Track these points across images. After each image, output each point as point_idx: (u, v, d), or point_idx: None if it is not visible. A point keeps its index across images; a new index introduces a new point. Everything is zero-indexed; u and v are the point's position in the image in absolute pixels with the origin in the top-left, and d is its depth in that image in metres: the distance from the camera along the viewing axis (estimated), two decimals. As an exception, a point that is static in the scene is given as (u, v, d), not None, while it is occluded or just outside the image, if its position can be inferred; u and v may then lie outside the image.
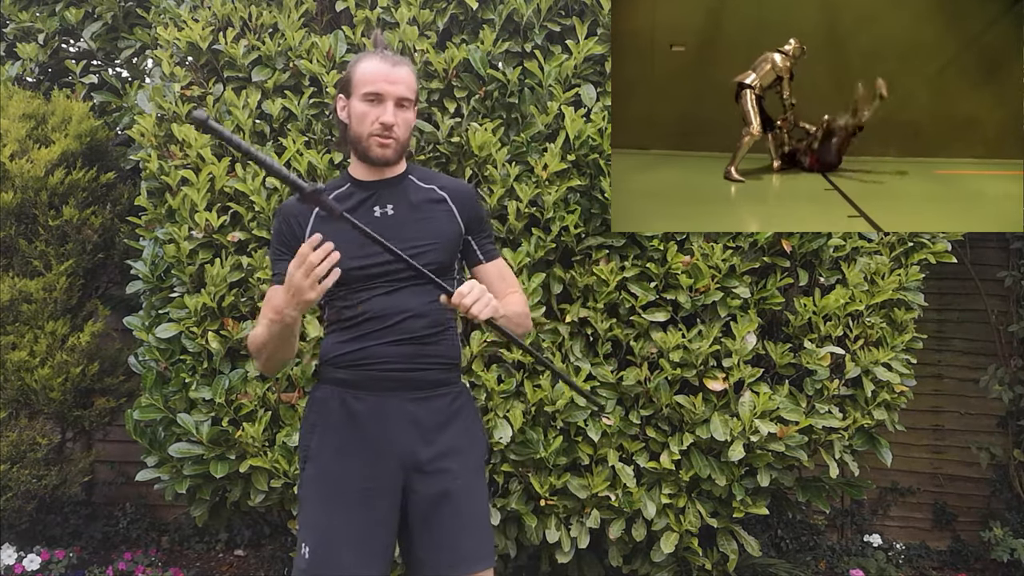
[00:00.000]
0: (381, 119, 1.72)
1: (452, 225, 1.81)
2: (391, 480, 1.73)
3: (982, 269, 4.01)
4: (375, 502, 1.72)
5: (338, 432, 1.75)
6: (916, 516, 4.16)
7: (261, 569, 3.67)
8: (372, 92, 1.73)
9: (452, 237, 1.81)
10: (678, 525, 2.70)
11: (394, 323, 1.73)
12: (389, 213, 1.78)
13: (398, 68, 1.76)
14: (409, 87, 1.77)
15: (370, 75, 1.74)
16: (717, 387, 2.68)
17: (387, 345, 1.73)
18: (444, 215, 1.82)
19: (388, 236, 1.68)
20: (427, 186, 1.84)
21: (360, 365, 1.74)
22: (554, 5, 2.92)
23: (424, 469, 1.74)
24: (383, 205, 1.79)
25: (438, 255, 1.78)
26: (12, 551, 3.41)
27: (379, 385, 1.74)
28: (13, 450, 3.15)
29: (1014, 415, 3.94)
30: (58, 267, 3.25)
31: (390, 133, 1.74)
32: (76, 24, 3.78)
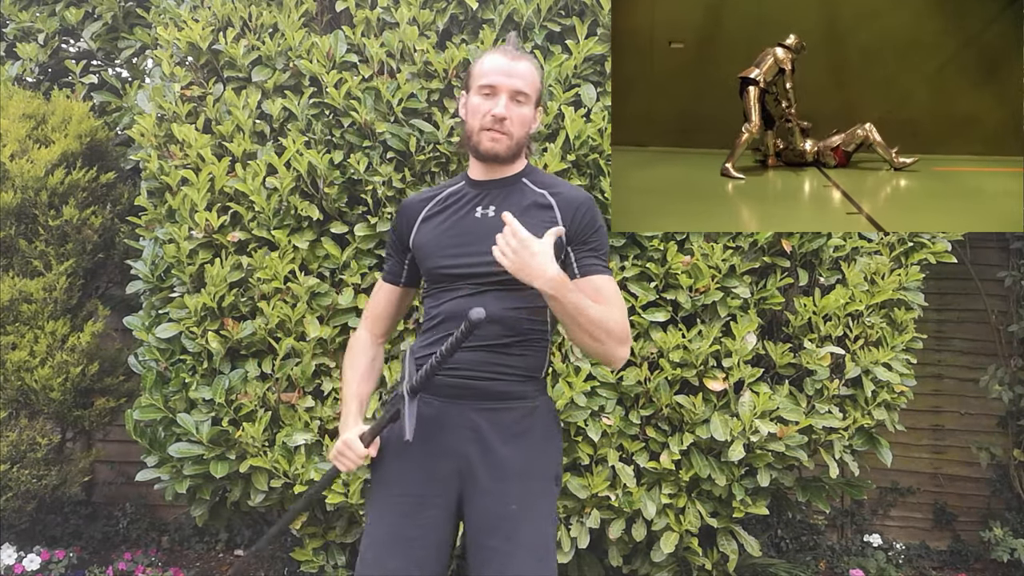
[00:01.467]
0: (493, 111, 1.66)
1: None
2: (447, 489, 1.67)
3: (982, 269, 4.01)
4: (427, 511, 1.66)
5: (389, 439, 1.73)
6: (916, 516, 4.16)
7: (261, 569, 3.67)
8: (487, 84, 1.68)
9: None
10: (678, 525, 2.70)
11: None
12: (490, 215, 1.71)
13: (517, 62, 1.70)
14: (528, 83, 1.70)
15: (487, 68, 1.69)
16: (717, 387, 2.68)
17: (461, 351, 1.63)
18: (545, 223, 1.68)
19: (480, 237, 1.67)
20: (539, 191, 1.74)
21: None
22: (554, 5, 2.92)
23: (481, 486, 1.66)
24: (486, 206, 1.72)
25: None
26: (12, 551, 3.40)
27: (445, 391, 1.68)
28: (13, 450, 3.15)
29: (1014, 415, 3.94)
30: (58, 267, 3.25)
31: (502, 127, 1.67)
32: (76, 24, 3.78)
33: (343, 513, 2.83)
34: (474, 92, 1.70)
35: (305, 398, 2.75)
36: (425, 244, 1.74)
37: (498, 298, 1.66)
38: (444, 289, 1.72)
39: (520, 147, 1.73)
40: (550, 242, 1.57)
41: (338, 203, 2.81)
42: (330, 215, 2.84)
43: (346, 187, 2.83)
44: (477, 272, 1.67)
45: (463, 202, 1.75)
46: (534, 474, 1.69)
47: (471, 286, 1.68)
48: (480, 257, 1.65)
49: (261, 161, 2.80)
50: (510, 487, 1.66)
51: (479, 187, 1.75)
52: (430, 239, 1.73)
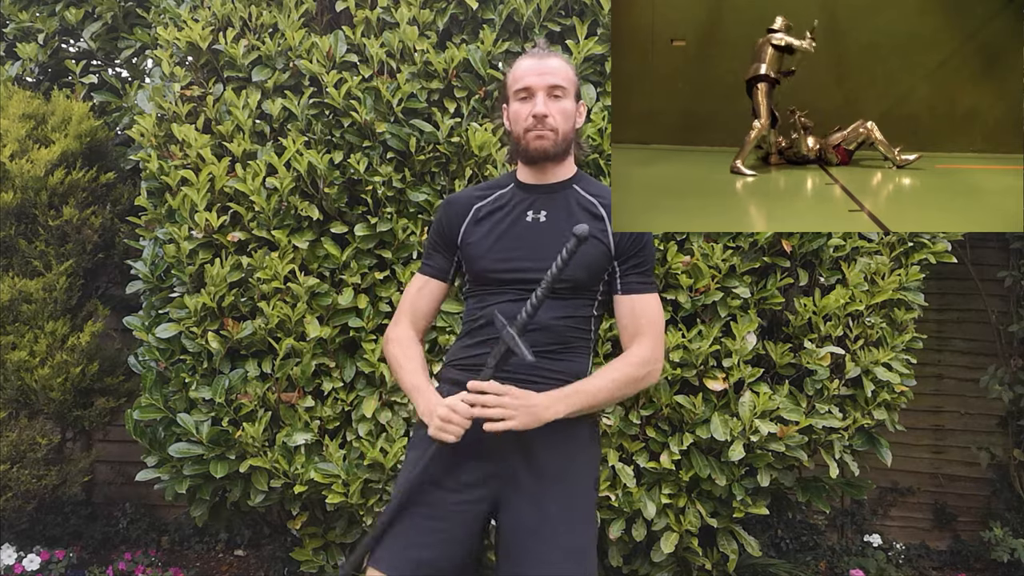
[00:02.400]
0: (533, 111, 1.68)
1: (600, 246, 1.71)
2: (481, 488, 1.67)
3: (982, 269, 4.01)
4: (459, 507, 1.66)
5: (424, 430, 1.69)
6: (916, 516, 4.16)
7: (261, 569, 3.67)
8: (522, 88, 1.70)
9: (598, 258, 1.71)
10: (678, 525, 2.70)
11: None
12: (541, 220, 1.72)
13: (547, 60, 1.71)
14: (562, 76, 1.71)
15: (519, 73, 1.72)
16: (717, 387, 2.68)
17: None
18: (596, 234, 1.70)
19: (530, 242, 1.69)
20: (591, 198, 1.75)
21: (475, 370, 1.66)
22: (554, 5, 2.92)
23: (523, 490, 1.66)
24: (537, 211, 1.73)
25: (576, 272, 1.67)
26: (12, 551, 3.40)
27: None
28: (13, 450, 3.15)
29: (1014, 415, 3.94)
30: (58, 267, 3.25)
31: (544, 124, 1.68)
32: (76, 24, 3.78)
33: (343, 513, 2.83)
34: (512, 100, 1.72)
35: (305, 398, 2.75)
36: (476, 245, 1.74)
37: (548, 306, 1.66)
38: (490, 292, 1.72)
39: (567, 142, 1.73)
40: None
41: (338, 203, 2.81)
42: (330, 215, 2.84)
43: (346, 187, 2.83)
44: (526, 278, 1.68)
45: (513, 205, 1.75)
46: (575, 478, 1.70)
47: (517, 291, 1.69)
48: (529, 263, 1.68)
49: (261, 161, 2.80)
50: (550, 490, 1.66)
51: (529, 191, 1.76)
52: (481, 240, 1.73)
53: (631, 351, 1.73)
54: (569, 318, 1.71)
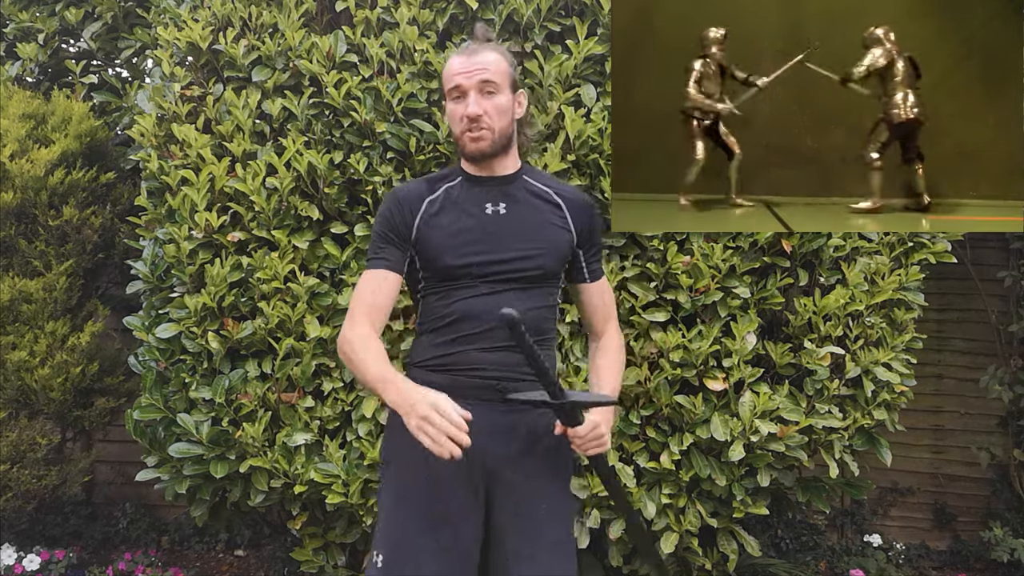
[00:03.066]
0: (466, 113, 1.64)
1: (564, 233, 1.74)
2: (473, 491, 1.66)
3: (982, 269, 4.01)
4: (455, 513, 1.64)
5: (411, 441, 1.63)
6: (916, 516, 4.16)
7: (261, 569, 3.67)
8: (453, 88, 1.65)
9: (563, 246, 1.74)
10: (678, 525, 2.70)
11: (491, 327, 1.64)
12: (501, 212, 1.70)
13: (477, 55, 1.66)
14: (493, 70, 1.65)
15: (449, 72, 1.66)
16: (717, 387, 2.68)
17: (481, 351, 1.65)
18: (558, 220, 1.73)
19: (499, 235, 1.67)
20: (543, 188, 1.76)
21: (451, 369, 1.66)
22: (554, 5, 2.92)
23: (509, 488, 1.66)
24: (496, 203, 1.70)
25: (547, 261, 1.70)
26: (12, 551, 3.41)
27: (469, 393, 1.64)
28: (13, 450, 3.15)
29: (1014, 415, 3.94)
30: (58, 267, 3.25)
31: (479, 123, 1.64)
32: (76, 24, 3.78)
33: (343, 513, 2.83)
34: (448, 100, 1.69)
35: (305, 398, 2.75)
36: (433, 238, 1.68)
37: (518, 297, 1.66)
38: (455, 287, 1.68)
39: (506, 138, 1.70)
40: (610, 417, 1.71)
41: (338, 203, 2.81)
42: (330, 215, 2.84)
43: (346, 187, 2.83)
44: (495, 271, 1.66)
45: (469, 198, 1.71)
46: (558, 473, 1.72)
47: (488, 285, 1.67)
48: (497, 255, 1.66)
49: (261, 161, 2.80)
50: (538, 487, 1.68)
51: (482, 183, 1.73)
52: (439, 234, 1.68)
53: (612, 339, 1.85)
54: (542, 308, 1.72)
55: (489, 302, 1.64)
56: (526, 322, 1.59)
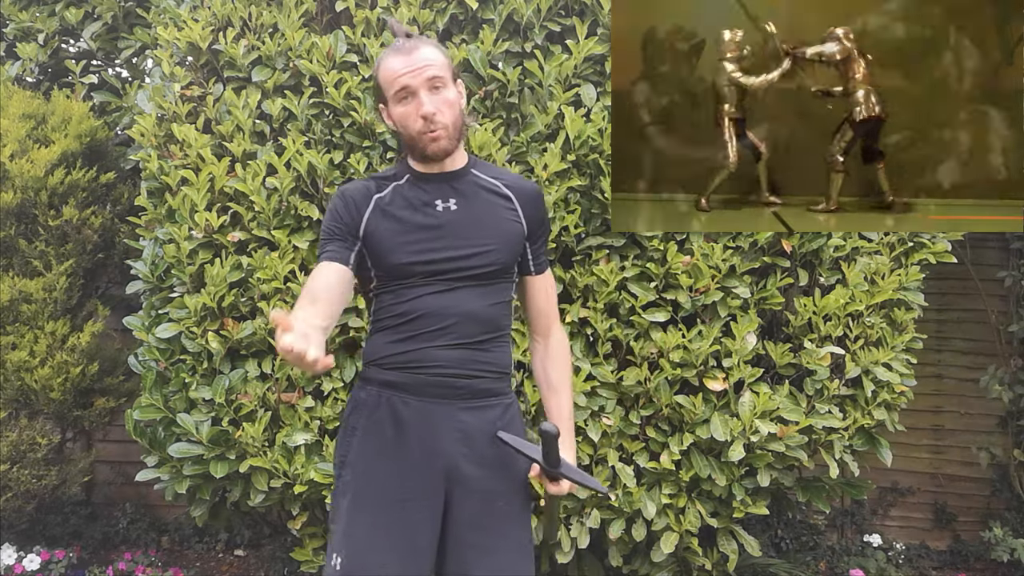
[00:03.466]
0: (420, 112, 1.61)
1: (515, 226, 1.72)
2: (434, 490, 1.65)
3: (982, 269, 4.00)
4: (415, 513, 1.64)
5: (381, 438, 1.66)
6: (916, 516, 4.16)
7: (261, 569, 3.67)
8: (399, 89, 1.62)
9: (515, 239, 1.72)
10: (678, 525, 2.70)
11: (449, 324, 1.64)
12: (452, 208, 1.68)
13: (416, 52, 1.63)
14: (437, 65, 1.63)
15: (391, 74, 1.63)
16: (717, 387, 2.68)
17: (440, 348, 1.64)
18: (508, 214, 1.72)
19: (451, 233, 1.65)
20: (492, 181, 1.74)
21: (409, 368, 1.65)
22: (554, 5, 2.92)
23: (470, 485, 1.66)
24: (445, 199, 1.68)
25: (501, 256, 1.69)
26: (12, 551, 3.41)
27: (429, 391, 1.65)
28: (13, 450, 3.15)
29: (1014, 415, 3.94)
30: (58, 267, 3.25)
31: (434, 123, 1.62)
32: (76, 24, 3.78)
33: (343, 513, 2.83)
34: (392, 102, 1.65)
35: (305, 398, 2.75)
36: (383, 236, 1.66)
37: (474, 294, 1.66)
38: (410, 285, 1.65)
39: (459, 131, 1.68)
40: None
41: (338, 203, 2.81)
42: (330, 215, 2.84)
43: (346, 187, 2.83)
44: (448, 268, 1.65)
45: (418, 194, 1.69)
46: (516, 470, 1.71)
47: (443, 282, 1.65)
48: (449, 252, 1.65)
49: (261, 161, 2.80)
50: (497, 484, 1.68)
51: (430, 181, 1.70)
52: (388, 232, 1.65)
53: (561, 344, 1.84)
54: (498, 304, 1.71)
55: (445, 299, 1.64)
56: (484, 318, 1.66)
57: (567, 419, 1.79)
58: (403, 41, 1.67)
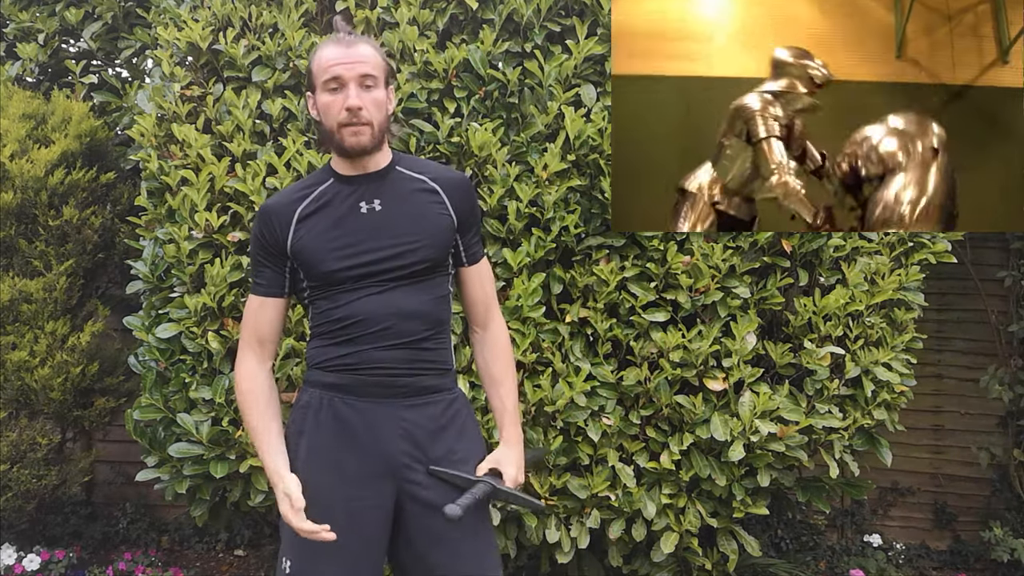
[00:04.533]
0: (346, 104, 1.59)
1: (444, 219, 1.71)
2: (382, 491, 1.66)
3: (982, 269, 4.01)
4: (364, 514, 1.65)
5: (326, 440, 1.67)
6: (916, 516, 4.16)
7: (261, 569, 3.67)
8: (331, 78, 1.61)
9: (444, 232, 1.71)
10: (678, 525, 2.70)
11: (386, 326, 1.64)
12: (376, 209, 1.67)
13: (355, 47, 1.62)
14: (372, 64, 1.63)
15: (324, 62, 1.62)
16: (717, 387, 2.68)
17: (380, 349, 1.65)
18: (436, 208, 1.71)
19: (376, 233, 1.65)
20: (417, 176, 1.73)
21: (351, 369, 1.66)
22: (554, 5, 2.92)
23: (421, 498, 1.66)
24: (369, 200, 1.67)
25: (430, 252, 1.69)
26: (12, 551, 3.41)
27: (371, 391, 1.66)
28: (13, 450, 3.15)
29: (1014, 415, 3.94)
30: (58, 267, 3.25)
31: (358, 117, 1.60)
32: (76, 24, 3.78)
33: (343, 513, 2.83)
34: (321, 90, 1.63)
35: (305, 398, 2.74)
36: (311, 247, 1.66)
37: (407, 294, 1.67)
38: (344, 290, 1.66)
39: (383, 132, 1.67)
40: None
41: (338, 203, 2.81)
42: (330, 215, 2.84)
43: (346, 187, 2.83)
44: (380, 270, 1.65)
45: (342, 199, 1.68)
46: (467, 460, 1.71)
47: (376, 284, 1.65)
48: (379, 254, 1.65)
49: (261, 161, 2.80)
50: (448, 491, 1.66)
51: (353, 182, 1.69)
52: (316, 241, 1.65)
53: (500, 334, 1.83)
54: (436, 299, 1.71)
55: (379, 301, 1.65)
56: (422, 315, 1.67)
57: (511, 411, 1.79)
58: (344, 35, 1.67)
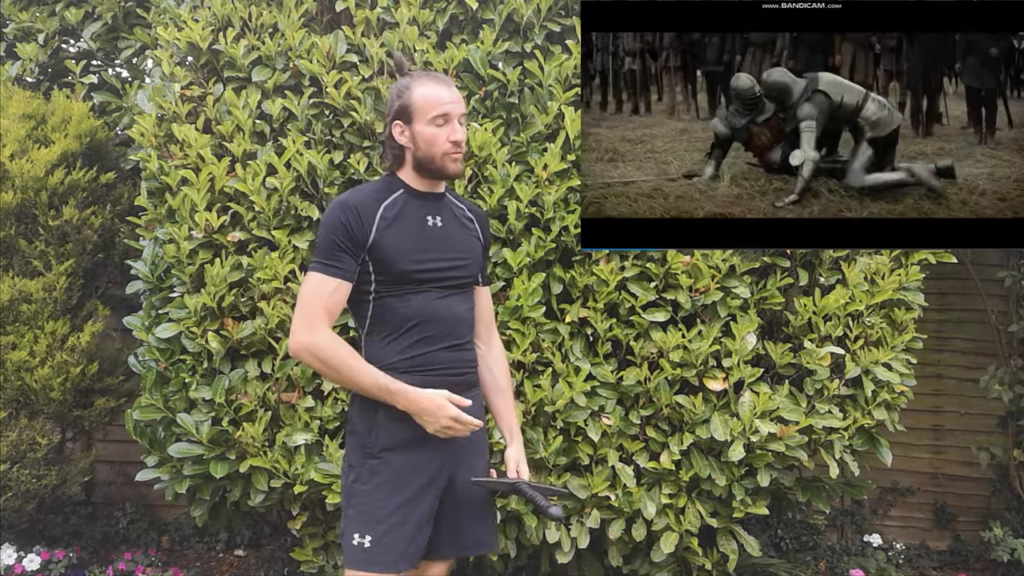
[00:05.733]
0: (451, 138, 1.84)
1: (478, 243, 2.01)
2: (444, 475, 1.89)
3: (982, 269, 4.00)
4: (431, 494, 1.87)
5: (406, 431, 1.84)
6: (916, 516, 4.16)
7: (261, 569, 3.67)
8: (440, 114, 1.83)
9: (480, 255, 2.01)
10: (678, 525, 2.70)
11: (447, 329, 1.89)
12: (439, 225, 1.91)
13: (454, 90, 1.88)
14: (463, 106, 1.90)
15: (435, 99, 1.84)
16: (717, 387, 2.68)
17: (442, 351, 1.88)
18: (473, 232, 2.00)
19: (441, 245, 1.89)
20: (459, 204, 2.01)
21: (419, 370, 1.85)
22: (554, 5, 2.92)
23: (470, 463, 1.93)
24: (434, 216, 1.91)
25: (472, 269, 1.97)
26: (12, 551, 3.40)
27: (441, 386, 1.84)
28: (13, 450, 3.15)
29: (1014, 415, 3.93)
30: (58, 267, 3.25)
31: (460, 149, 1.87)
32: (76, 24, 3.78)
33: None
34: (423, 123, 1.85)
35: (305, 398, 2.75)
36: (392, 245, 1.84)
37: (460, 300, 1.93)
38: (410, 291, 1.86)
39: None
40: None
41: (338, 203, 2.81)
42: (330, 215, 2.84)
43: (346, 187, 2.83)
44: (441, 276, 1.89)
45: (413, 209, 1.90)
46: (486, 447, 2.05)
47: (437, 289, 1.88)
48: (442, 263, 1.89)
49: (261, 161, 2.80)
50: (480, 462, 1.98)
51: (422, 198, 1.92)
52: (396, 241, 1.84)
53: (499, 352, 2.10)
54: (471, 309, 1.98)
55: (442, 305, 1.88)
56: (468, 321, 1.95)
57: (512, 413, 2.08)
58: (441, 75, 1.97)
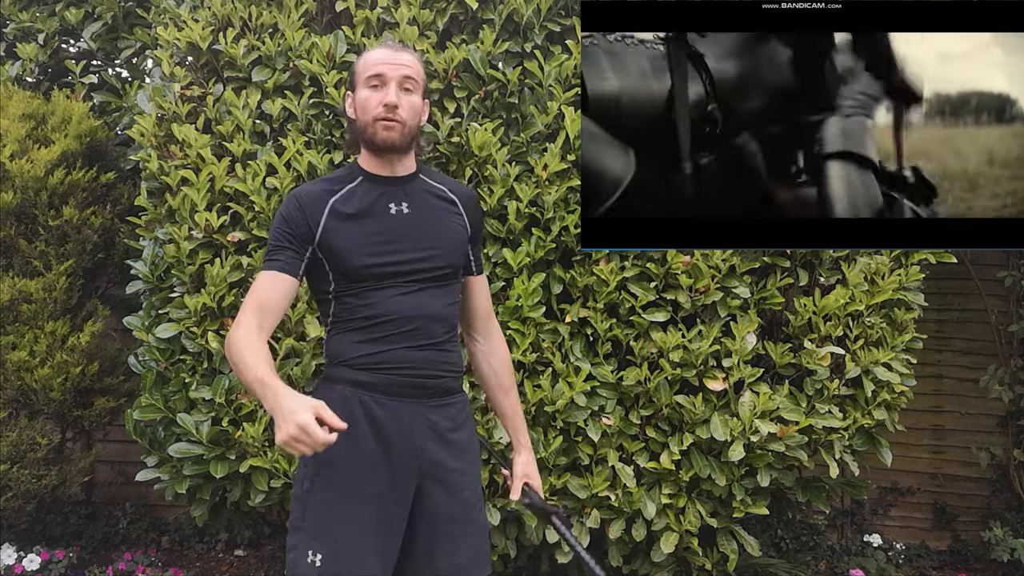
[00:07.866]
0: (384, 100, 1.66)
1: (461, 229, 1.80)
2: (406, 486, 1.70)
3: (982, 269, 4.00)
4: (390, 508, 1.69)
5: (356, 436, 1.66)
6: (916, 516, 4.16)
7: (261, 569, 3.67)
8: (374, 75, 1.68)
9: (462, 242, 1.80)
10: (678, 525, 2.70)
11: (415, 327, 1.69)
12: (405, 211, 1.73)
13: (401, 53, 1.72)
14: (414, 71, 1.71)
15: (371, 60, 1.70)
16: (717, 387, 2.68)
17: (408, 349, 1.69)
18: (455, 218, 1.79)
19: (405, 234, 1.70)
20: (438, 186, 1.81)
21: (380, 368, 1.69)
22: (554, 5, 2.92)
23: (441, 478, 1.72)
24: (398, 203, 1.73)
25: (451, 258, 1.76)
26: (12, 551, 3.41)
27: (400, 391, 1.69)
28: (13, 450, 3.15)
29: (1014, 415, 3.93)
30: (58, 267, 3.25)
31: (394, 115, 1.67)
32: (76, 24, 3.78)
33: (343, 513, 2.83)
34: (362, 86, 1.70)
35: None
36: (342, 241, 1.68)
37: (434, 295, 1.72)
38: (373, 288, 1.69)
39: (413, 136, 1.73)
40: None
41: (338, 203, 2.81)
42: (330, 215, 2.84)
43: (346, 187, 2.83)
44: (406, 270, 1.70)
45: (373, 198, 1.72)
46: (475, 460, 1.82)
47: (405, 284, 1.70)
48: (408, 255, 1.70)
49: (261, 161, 2.80)
50: (463, 477, 1.76)
51: (382, 183, 1.74)
52: (347, 236, 1.68)
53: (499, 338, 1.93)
54: (452, 304, 1.78)
55: (410, 301, 1.69)
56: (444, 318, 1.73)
57: (521, 416, 1.93)
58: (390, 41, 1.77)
